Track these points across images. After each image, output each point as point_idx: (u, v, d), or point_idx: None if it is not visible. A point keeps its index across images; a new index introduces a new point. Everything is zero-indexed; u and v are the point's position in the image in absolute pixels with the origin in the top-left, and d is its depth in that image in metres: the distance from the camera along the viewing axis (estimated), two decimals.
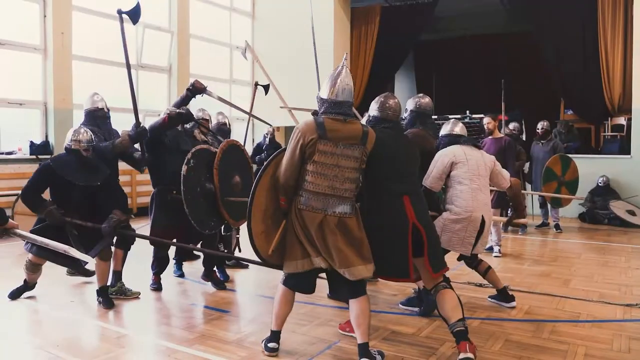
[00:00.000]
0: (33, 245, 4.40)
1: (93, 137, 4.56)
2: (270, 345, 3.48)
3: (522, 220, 5.25)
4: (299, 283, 3.43)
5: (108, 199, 4.56)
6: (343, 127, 3.29)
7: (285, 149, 3.41)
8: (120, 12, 4.60)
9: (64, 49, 9.08)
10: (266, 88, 6.42)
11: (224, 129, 6.11)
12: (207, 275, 5.23)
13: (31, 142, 8.77)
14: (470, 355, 3.23)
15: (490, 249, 6.70)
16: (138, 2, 4.63)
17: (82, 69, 9.48)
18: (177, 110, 4.89)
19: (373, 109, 3.70)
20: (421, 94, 4.57)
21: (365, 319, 3.28)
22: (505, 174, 4.54)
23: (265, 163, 3.43)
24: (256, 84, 6.56)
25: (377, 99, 3.72)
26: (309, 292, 3.49)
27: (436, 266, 3.51)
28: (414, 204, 3.48)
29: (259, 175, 3.39)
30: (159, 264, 5.16)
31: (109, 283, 4.70)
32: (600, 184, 9.62)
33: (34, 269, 4.68)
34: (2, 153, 8.48)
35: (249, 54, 6.52)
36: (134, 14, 4.61)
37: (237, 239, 6.11)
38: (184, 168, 4.52)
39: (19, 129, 8.89)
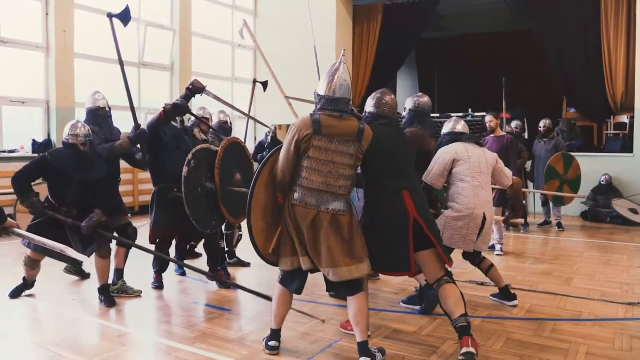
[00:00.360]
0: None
1: (90, 131, 4.56)
2: (271, 343, 3.49)
3: (518, 220, 5.23)
4: (289, 281, 3.43)
5: (104, 198, 4.54)
6: (338, 123, 3.29)
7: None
8: (110, 15, 4.62)
9: (66, 46, 9.08)
10: (264, 84, 6.40)
11: (225, 127, 6.11)
12: (212, 277, 5.23)
13: (33, 140, 8.77)
14: (472, 349, 3.23)
15: (492, 247, 6.68)
16: (127, 5, 4.65)
17: (84, 67, 9.48)
18: (173, 102, 4.87)
19: (369, 105, 3.71)
20: (420, 93, 4.59)
21: (363, 317, 3.28)
22: (508, 172, 4.54)
23: (263, 160, 3.44)
24: (254, 81, 6.53)
25: (373, 95, 3.73)
26: (296, 291, 3.46)
27: (448, 255, 3.58)
28: (414, 198, 3.50)
29: (258, 172, 3.40)
30: (160, 263, 5.16)
31: (110, 281, 4.71)
32: (602, 182, 9.59)
33: (32, 264, 4.68)
34: (4, 151, 8.49)
35: (246, 33, 6.45)
36: (124, 17, 4.62)
37: (240, 235, 6.11)
38: (185, 169, 4.51)
39: (21, 127, 8.88)
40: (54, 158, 4.40)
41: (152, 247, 5.18)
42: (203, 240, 5.27)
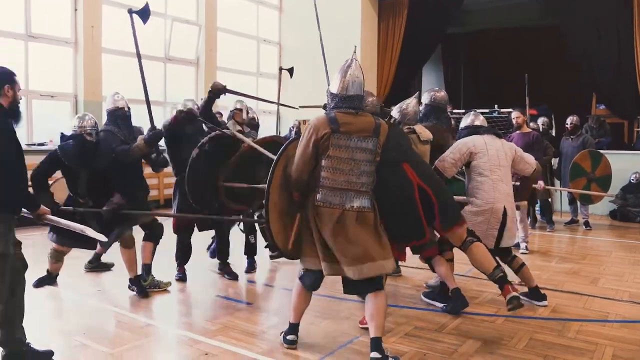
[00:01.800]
0: (56, 234, 4.53)
1: (97, 123, 4.64)
2: (289, 337, 3.50)
3: (521, 203, 5.07)
4: (306, 278, 3.43)
5: (122, 184, 4.56)
6: (355, 120, 3.25)
7: (291, 141, 3.40)
8: (130, 12, 4.70)
9: (94, 42, 9.22)
10: (290, 71, 6.46)
11: (252, 123, 6.14)
12: (222, 269, 5.28)
13: (62, 133, 8.84)
14: (516, 293, 3.67)
15: (517, 245, 6.58)
16: (147, 2, 4.70)
17: (111, 62, 9.61)
18: (184, 109, 5.00)
19: None
20: (437, 88, 4.60)
21: (380, 315, 3.23)
22: (528, 158, 4.47)
23: (275, 160, 3.37)
24: (280, 69, 6.63)
25: None
26: (309, 288, 3.47)
27: (446, 222, 3.70)
28: (415, 169, 3.55)
29: (271, 174, 3.33)
30: (182, 254, 5.21)
31: (139, 271, 4.74)
32: (632, 181, 9.36)
33: (57, 257, 4.81)
34: (34, 144, 8.65)
35: None
36: (143, 13, 4.70)
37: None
38: (195, 151, 4.55)
39: (50, 121, 9.05)
40: (62, 153, 4.49)
41: (175, 238, 5.24)
42: (215, 231, 5.33)
